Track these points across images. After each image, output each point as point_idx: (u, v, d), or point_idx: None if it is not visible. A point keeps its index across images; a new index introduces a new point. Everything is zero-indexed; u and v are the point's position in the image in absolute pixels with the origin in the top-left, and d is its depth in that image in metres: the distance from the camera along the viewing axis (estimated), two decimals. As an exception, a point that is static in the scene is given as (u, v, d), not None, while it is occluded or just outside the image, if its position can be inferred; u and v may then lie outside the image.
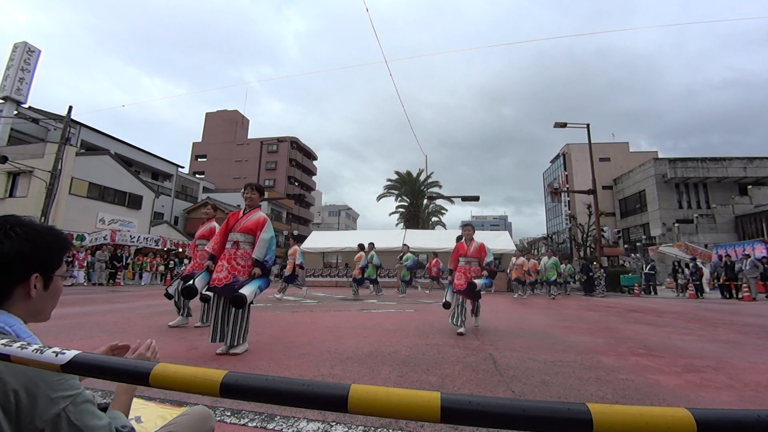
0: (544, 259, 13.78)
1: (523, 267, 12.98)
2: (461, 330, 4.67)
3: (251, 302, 3.39)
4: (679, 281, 16.34)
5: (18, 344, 0.63)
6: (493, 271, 5.17)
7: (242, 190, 3.87)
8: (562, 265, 13.96)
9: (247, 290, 3.32)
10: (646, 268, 17.00)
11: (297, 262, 9.84)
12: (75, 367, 0.62)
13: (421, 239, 19.96)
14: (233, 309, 3.36)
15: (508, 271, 14.59)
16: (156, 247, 19.51)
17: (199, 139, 49.52)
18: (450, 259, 5.42)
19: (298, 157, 47.64)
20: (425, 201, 33.04)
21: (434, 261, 15.35)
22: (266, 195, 4.28)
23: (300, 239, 19.61)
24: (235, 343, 3.39)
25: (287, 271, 9.72)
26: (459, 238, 5.53)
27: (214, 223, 5.42)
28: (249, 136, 49.20)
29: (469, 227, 5.35)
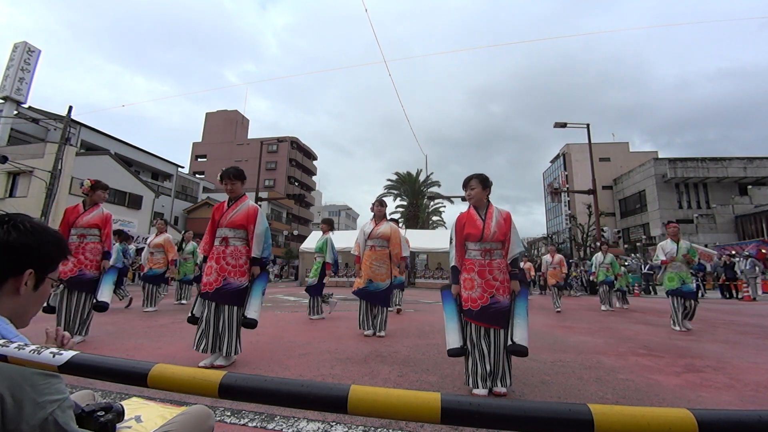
0: (609, 256, 9.35)
1: (562, 268, 9.36)
2: (482, 390, 2.46)
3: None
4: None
5: (15, 344, 0.63)
6: (521, 275, 2.64)
7: (220, 180, 3.31)
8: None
9: (254, 309, 3.08)
10: (645, 267, 16.98)
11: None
12: (73, 367, 0.61)
13: (420, 239, 19.95)
14: (226, 315, 3.05)
15: (541, 274, 12.21)
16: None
17: (198, 139, 49.56)
18: (455, 247, 2.74)
19: (298, 157, 47.61)
20: (425, 201, 33.00)
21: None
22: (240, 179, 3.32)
23: (300, 239, 19.56)
24: (232, 353, 3.02)
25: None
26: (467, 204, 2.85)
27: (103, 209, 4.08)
28: (249, 136, 49.20)
29: (474, 181, 2.73)
